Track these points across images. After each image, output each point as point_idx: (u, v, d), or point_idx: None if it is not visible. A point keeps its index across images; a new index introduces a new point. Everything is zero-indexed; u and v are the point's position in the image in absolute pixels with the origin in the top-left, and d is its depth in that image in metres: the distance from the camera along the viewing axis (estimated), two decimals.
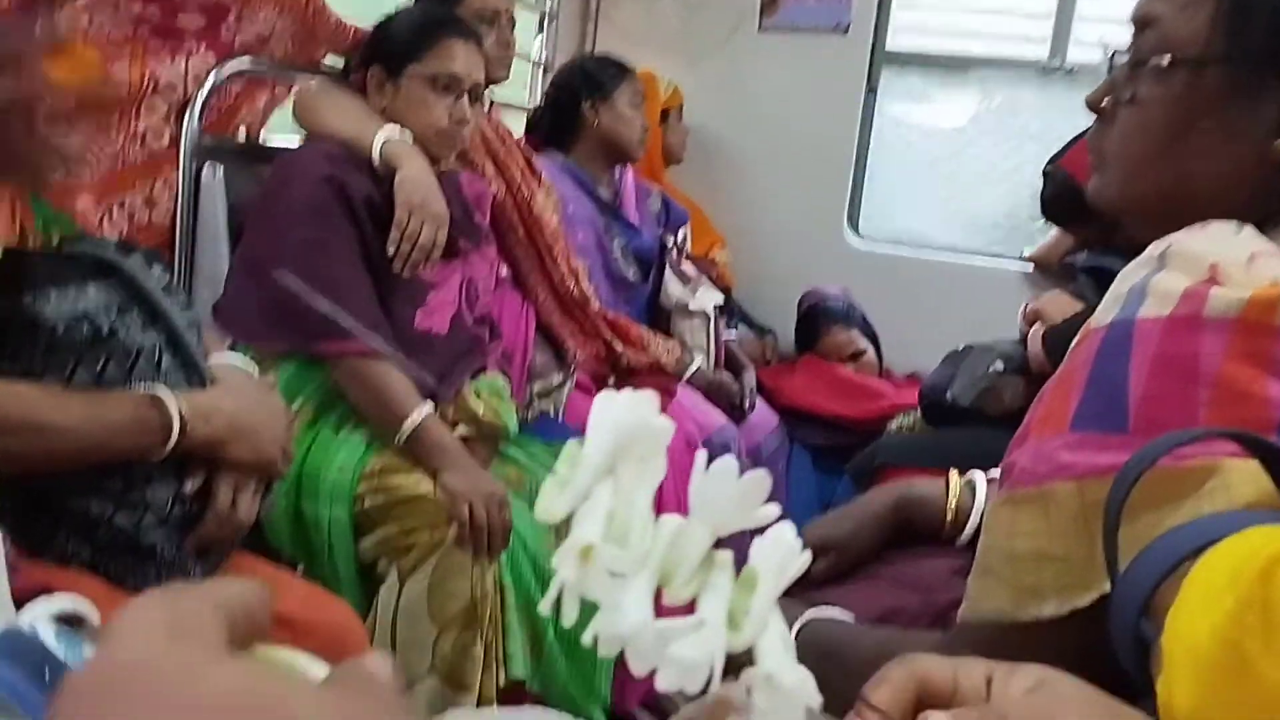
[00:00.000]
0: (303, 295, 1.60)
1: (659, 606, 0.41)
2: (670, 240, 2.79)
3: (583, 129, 2.62)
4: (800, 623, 0.99)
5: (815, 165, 3.25)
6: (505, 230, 2.22)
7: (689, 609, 0.41)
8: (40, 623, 0.48)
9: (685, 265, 2.81)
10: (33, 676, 0.46)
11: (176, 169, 1.91)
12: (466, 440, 1.82)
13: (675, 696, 0.99)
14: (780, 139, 3.29)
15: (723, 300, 2.82)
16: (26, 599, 0.51)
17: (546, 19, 3.25)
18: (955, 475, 1.19)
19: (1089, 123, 0.91)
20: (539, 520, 0.41)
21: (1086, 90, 0.90)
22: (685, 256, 2.85)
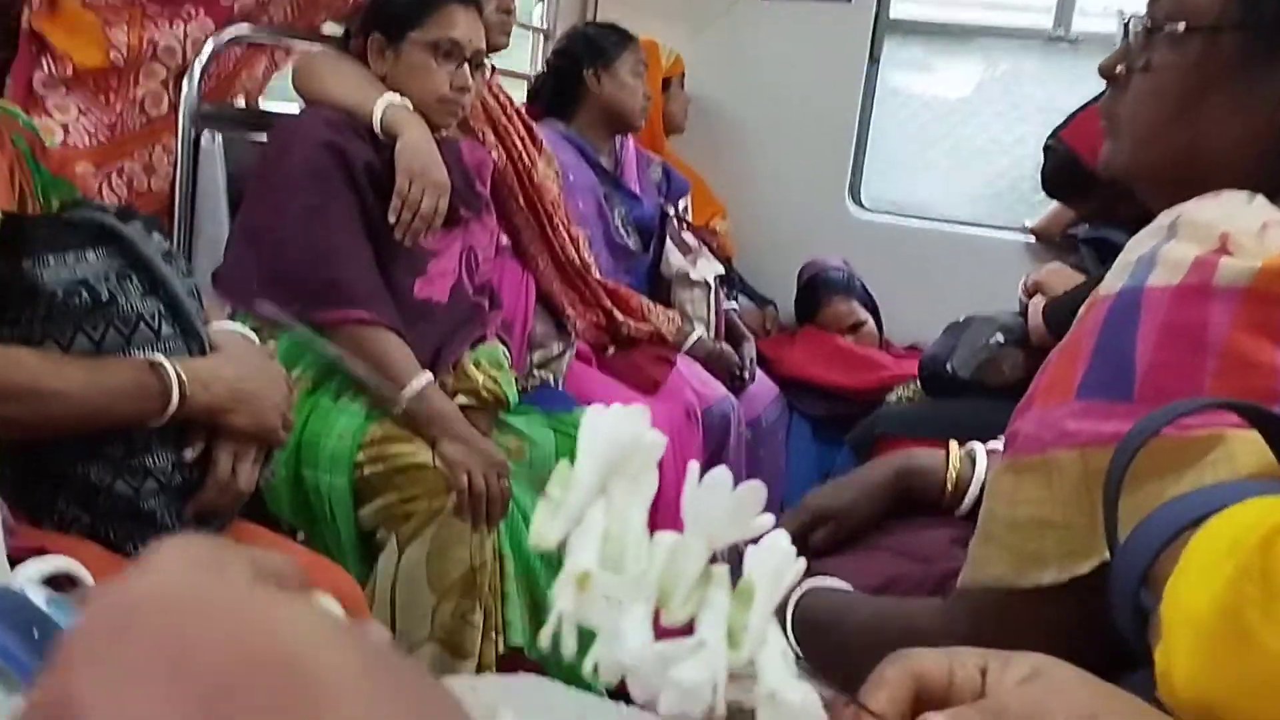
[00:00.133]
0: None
1: (656, 626, 0.40)
2: (671, 210, 2.78)
3: (584, 97, 2.61)
4: (799, 593, 0.99)
5: (817, 135, 3.24)
6: (506, 199, 2.21)
7: (687, 628, 0.41)
8: (30, 584, 0.48)
9: (686, 235, 2.80)
10: (23, 637, 0.46)
11: (175, 136, 1.90)
12: (466, 409, 1.82)
13: None
14: (782, 108, 3.28)
15: (723, 270, 2.81)
16: (23, 562, 0.52)
17: None
18: (955, 446, 1.19)
19: (1092, 94, 0.91)
20: (533, 547, 0.40)
21: (1091, 61, 0.89)
22: (686, 226, 2.84)
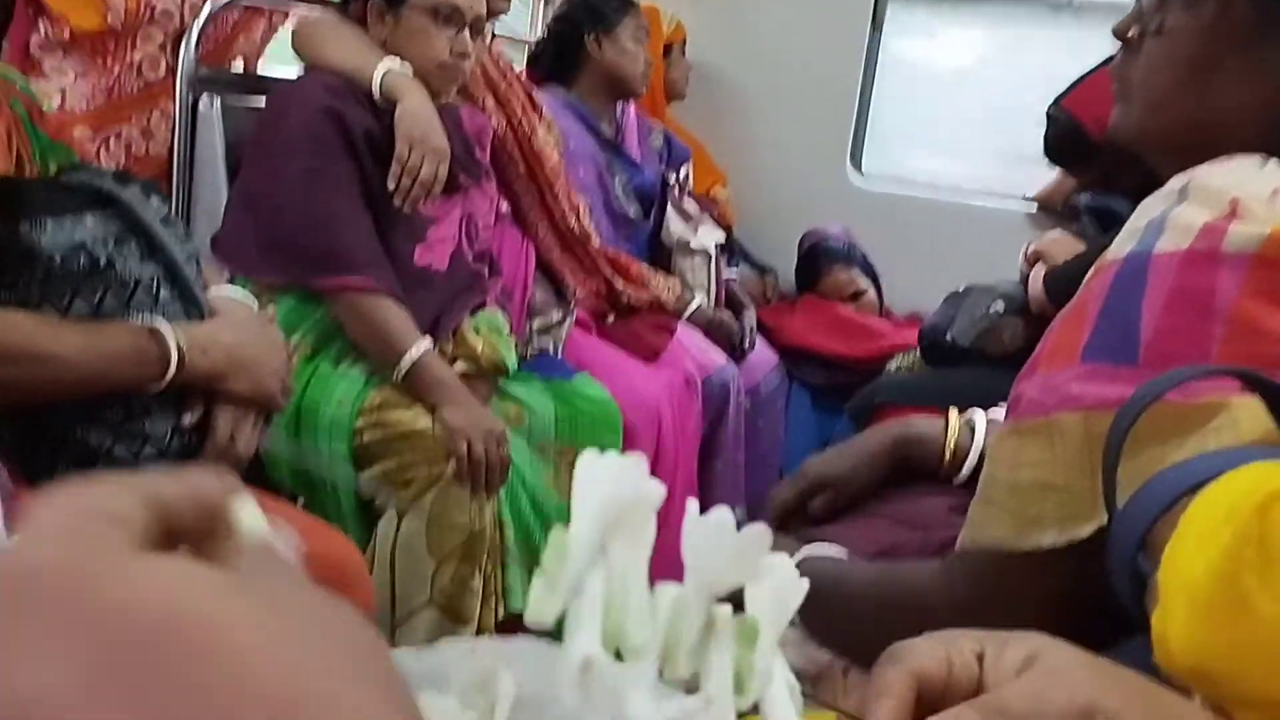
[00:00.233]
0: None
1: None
2: (672, 177, 2.77)
3: (585, 63, 2.59)
4: (796, 560, 0.99)
5: (819, 103, 3.22)
6: (505, 165, 2.20)
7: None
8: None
9: (687, 203, 2.79)
10: None
11: (173, 100, 1.89)
12: (465, 376, 1.82)
13: None
14: (784, 76, 3.25)
15: (724, 238, 2.80)
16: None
17: None
18: (954, 414, 1.19)
19: (1096, 62, 0.90)
20: (529, 624, 0.38)
21: (1095, 28, 0.89)
22: (687, 194, 2.83)
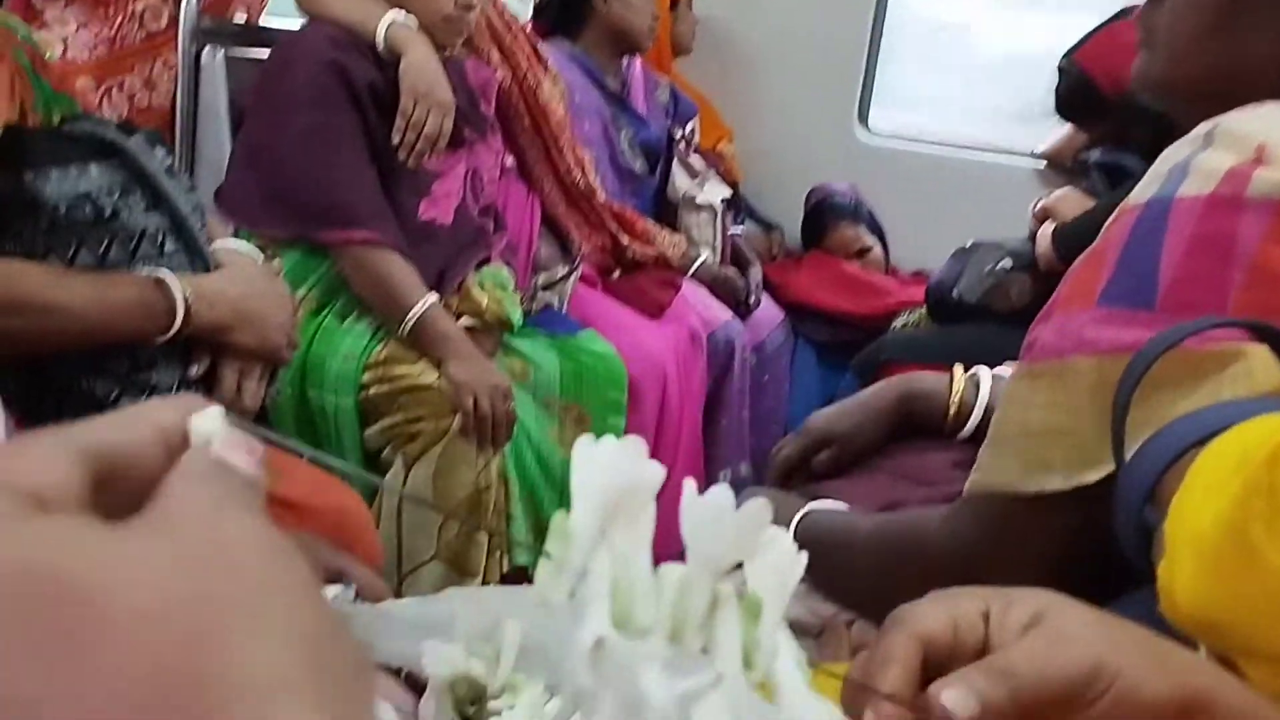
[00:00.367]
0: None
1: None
2: (678, 132, 2.75)
3: (591, 16, 2.56)
4: (799, 515, 1.00)
5: (826, 57, 3.18)
6: (511, 119, 2.19)
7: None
8: None
9: (693, 158, 2.77)
10: None
11: (176, 51, 1.87)
12: (470, 331, 1.82)
13: None
14: (791, 30, 3.22)
15: (730, 194, 2.79)
16: None
17: None
18: (959, 370, 1.18)
19: (1107, 15, 0.89)
20: (536, 603, 0.39)
21: None
22: (693, 149, 2.81)
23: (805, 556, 0.40)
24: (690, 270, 2.53)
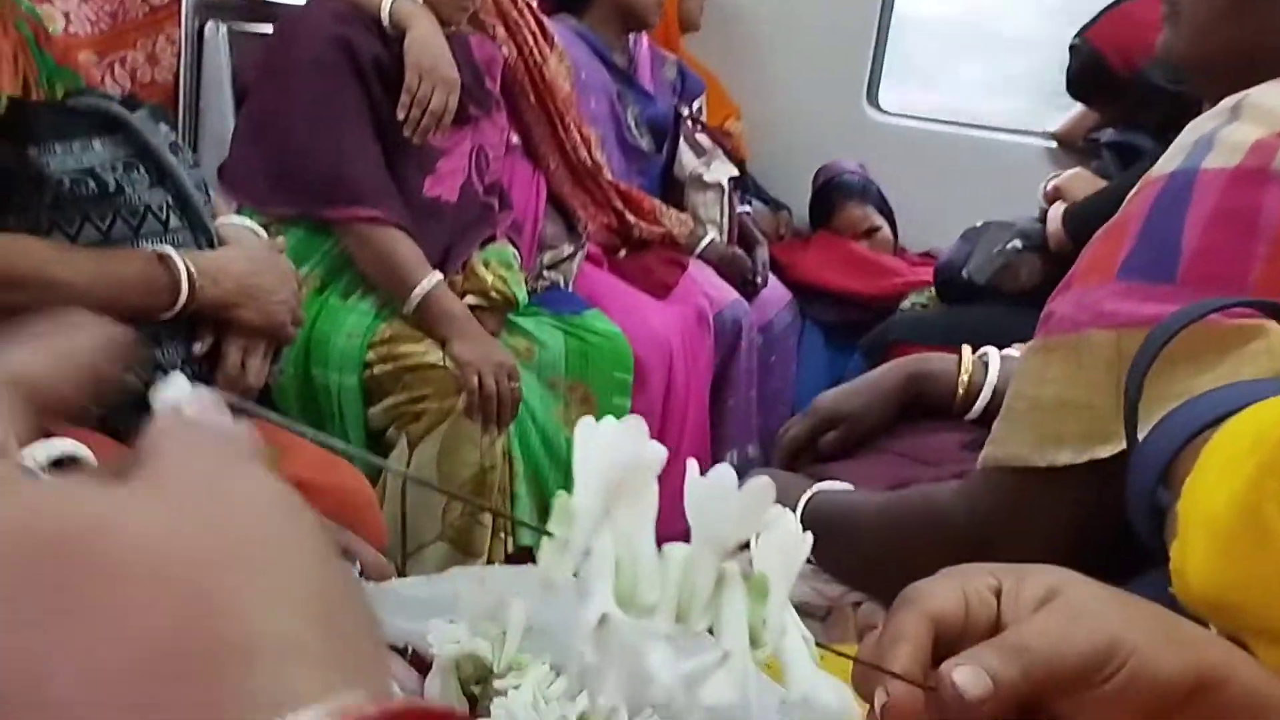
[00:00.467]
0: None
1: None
2: (685, 110, 2.73)
3: None
4: (807, 495, 0.99)
5: (835, 35, 3.16)
6: (516, 96, 2.18)
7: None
8: (36, 468, 0.48)
9: (700, 136, 2.75)
10: None
11: (179, 25, 1.86)
12: (475, 310, 1.82)
13: None
14: (800, 7, 3.20)
15: (737, 173, 2.77)
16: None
17: None
18: (968, 351, 1.18)
19: None
20: (540, 583, 0.38)
21: None
22: (700, 127, 2.80)
23: (810, 536, 0.40)
24: (697, 250, 2.52)
